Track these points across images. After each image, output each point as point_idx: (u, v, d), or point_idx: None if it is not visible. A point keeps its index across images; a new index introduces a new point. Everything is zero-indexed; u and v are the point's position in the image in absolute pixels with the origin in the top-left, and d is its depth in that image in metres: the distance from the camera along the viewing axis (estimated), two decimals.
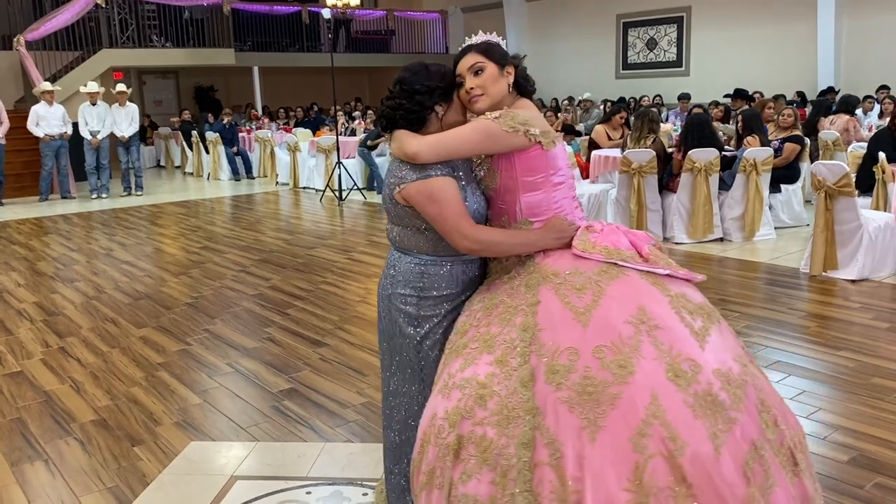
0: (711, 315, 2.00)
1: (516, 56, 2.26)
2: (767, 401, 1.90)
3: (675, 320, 1.90)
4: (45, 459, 3.20)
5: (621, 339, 1.86)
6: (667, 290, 1.98)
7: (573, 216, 2.17)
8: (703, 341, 1.88)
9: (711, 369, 1.83)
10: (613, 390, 1.79)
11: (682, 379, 1.80)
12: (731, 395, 1.81)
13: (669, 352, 1.84)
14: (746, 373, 1.91)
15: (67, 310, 5.47)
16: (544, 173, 2.12)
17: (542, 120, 2.14)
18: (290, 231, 8.46)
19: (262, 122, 15.65)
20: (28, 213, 10.29)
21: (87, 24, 13.98)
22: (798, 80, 13.66)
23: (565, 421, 1.79)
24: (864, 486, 2.81)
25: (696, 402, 1.77)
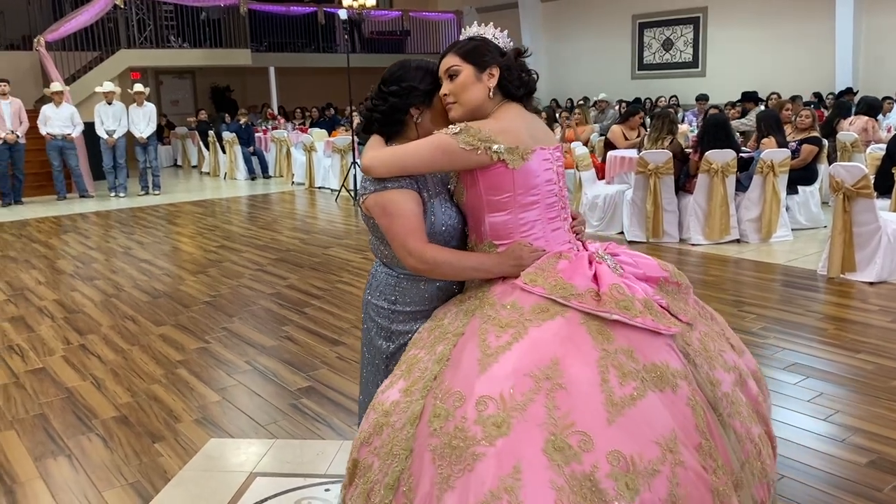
0: (659, 381, 1.72)
1: (520, 52, 2.05)
2: (688, 500, 1.61)
3: (591, 384, 1.65)
4: (67, 455, 3.25)
5: (512, 394, 1.63)
6: (606, 342, 1.73)
7: (547, 241, 1.96)
8: (616, 414, 1.62)
9: (607, 449, 1.57)
10: (477, 450, 1.57)
11: (562, 455, 1.55)
12: (621, 484, 1.54)
13: (562, 420, 1.60)
14: (666, 461, 1.61)
15: (87, 307, 5.53)
16: (510, 193, 1.92)
17: (514, 133, 1.92)
18: (306, 230, 8.51)
19: (278, 122, 15.73)
20: (47, 212, 10.41)
21: (106, 24, 14.11)
22: (815, 80, 13.57)
23: (427, 471, 1.63)
24: (882, 488, 2.80)
25: (566, 485, 1.53)
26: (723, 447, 1.77)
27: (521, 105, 2.03)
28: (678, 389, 1.72)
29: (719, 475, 1.67)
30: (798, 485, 2.83)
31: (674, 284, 1.97)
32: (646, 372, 1.71)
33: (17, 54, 13.85)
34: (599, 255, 1.95)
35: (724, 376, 1.91)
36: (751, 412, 1.96)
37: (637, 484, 1.55)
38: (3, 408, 3.76)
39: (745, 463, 1.85)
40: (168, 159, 16.85)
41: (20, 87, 12.98)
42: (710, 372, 1.88)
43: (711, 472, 1.66)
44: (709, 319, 2.09)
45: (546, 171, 1.96)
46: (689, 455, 1.64)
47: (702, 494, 1.62)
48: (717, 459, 1.70)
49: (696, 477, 1.62)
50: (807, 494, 2.76)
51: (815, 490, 2.79)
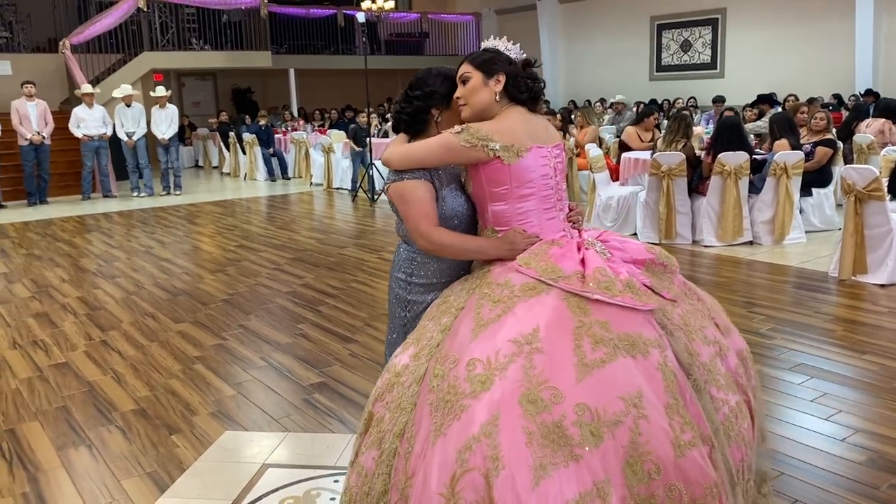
0: (631, 347, 1.91)
1: (528, 62, 2.29)
2: (649, 447, 1.78)
3: (565, 348, 1.86)
4: (88, 445, 3.37)
5: (497, 356, 1.86)
6: (583, 315, 1.93)
7: (542, 228, 2.20)
8: (585, 373, 1.82)
9: (575, 402, 1.77)
10: (464, 402, 1.81)
11: (534, 406, 1.76)
12: (585, 431, 1.74)
13: (537, 378, 1.81)
14: (629, 414, 1.79)
15: (109, 304, 5.68)
16: (508, 185, 2.17)
17: (511, 133, 2.16)
18: (323, 231, 8.63)
19: (297, 124, 15.90)
20: (71, 212, 10.62)
21: (129, 27, 14.34)
22: (835, 82, 13.49)
23: (425, 421, 1.88)
24: (880, 486, 2.84)
25: (537, 431, 1.73)
26: (694, 408, 1.94)
27: (526, 108, 2.28)
28: (649, 356, 1.92)
29: (685, 430, 1.84)
30: (797, 482, 2.88)
31: (660, 265, 2.17)
32: (618, 340, 1.91)
33: (44, 57, 14.12)
34: (589, 242, 2.17)
35: (702, 348, 2.09)
36: (729, 382, 2.12)
37: (601, 431, 1.76)
38: (27, 400, 3.90)
39: (721, 425, 2.01)
40: (189, 160, 17.08)
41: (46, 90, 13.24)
42: (688, 343, 2.07)
43: (678, 428, 1.83)
44: (695, 300, 2.26)
45: (542, 167, 2.21)
46: (653, 410, 1.82)
47: (663, 444, 1.79)
48: (684, 416, 1.86)
49: (658, 429, 1.80)
50: (806, 491, 2.81)
51: (814, 487, 2.84)
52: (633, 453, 1.77)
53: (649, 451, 1.77)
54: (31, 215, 10.37)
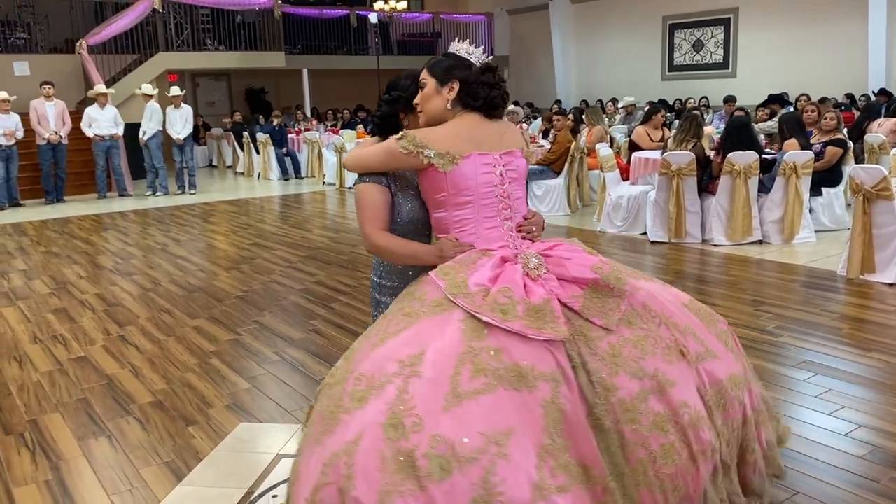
0: (516, 380, 1.84)
1: (488, 68, 2.25)
2: (503, 488, 1.71)
3: (442, 375, 1.83)
4: (108, 435, 3.48)
5: (379, 375, 1.86)
6: (476, 340, 1.90)
7: (479, 237, 2.17)
8: (454, 404, 1.78)
9: (432, 433, 1.74)
10: (341, 416, 1.84)
11: (395, 431, 1.76)
12: (434, 464, 1.71)
13: (406, 402, 1.80)
14: (487, 452, 1.73)
15: (126, 301, 5.80)
16: (445, 192, 2.17)
17: (449, 140, 2.15)
18: (335, 229, 8.73)
19: (310, 124, 16.02)
20: (88, 210, 10.78)
21: (145, 28, 14.52)
22: (848, 81, 13.46)
23: (313, 428, 1.93)
24: (881, 479, 2.89)
25: (391, 457, 1.73)
26: (587, 448, 1.85)
27: (481, 115, 2.25)
28: (535, 391, 1.84)
29: (557, 474, 1.76)
30: (798, 474, 2.93)
31: (605, 288, 2.06)
32: (505, 370, 1.85)
33: (61, 57, 14.31)
34: (524, 256, 2.11)
35: (626, 383, 1.96)
36: (660, 422, 1.96)
37: (451, 466, 1.71)
38: (48, 392, 4.01)
39: (630, 468, 1.90)
40: (204, 159, 17.24)
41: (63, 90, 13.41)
42: (606, 377, 1.95)
43: (547, 472, 1.75)
44: (653, 325, 2.11)
45: (484, 175, 2.18)
46: (517, 450, 1.75)
47: (520, 487, 1.71)
48: (559, 459, 1.78)
49: (518, 471, 1.72)
50: (807, 484, 2.87)
51: (815, 480, 2.89)
52: (483, 492, 1.69)
53: (501, 493, 1.69)
54: (49, 213, 10.54)
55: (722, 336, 2.25)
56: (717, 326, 2.27)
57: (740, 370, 2.22)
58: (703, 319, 2.25)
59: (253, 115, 16.59)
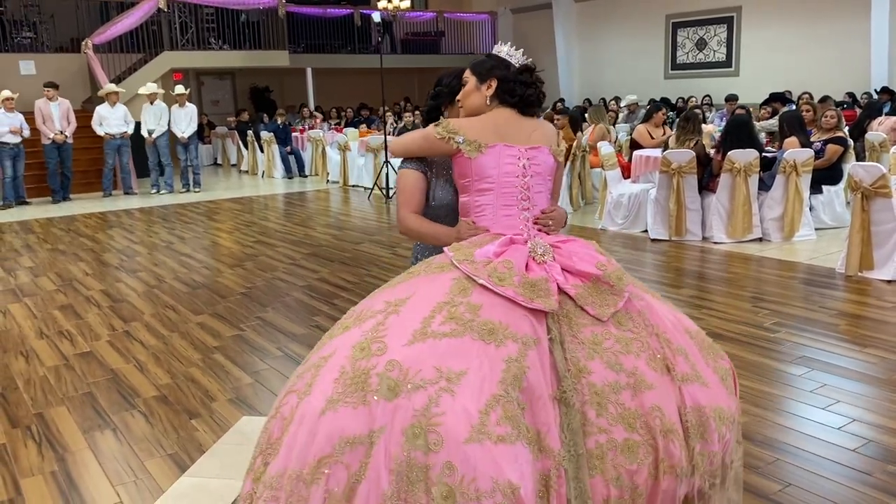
0: (487, 334, 1.90)
1: (526, 68, 2.41)
2: (441, 419, 1.75)
3: (418, 315, 1.94)
4: (113, 428, 3.54)
5: (367, 311, 2.04)
6: (458, 294, 1.98)
7: (495, 224, 2.27)
8: (418, 340, 1.88)
9: (389, 358, 1.84)
10: (325, 341, 2.06)
11: (361, 353, 1.88)
12: (384, 384, 1.80)
13: (379, 332, 1.92)
14: (437, 384, 1.80)
15: (131, 297, 5.86)
16: (470, 178, 2.31)
17: (479, 129, 2.29)
18: (338, 227, 8.79)
19: (314, 122, 16.09)
20: (94, 208, 10.86)
21: (150, 27, 14.58)
22: (850, 80, 13.46)
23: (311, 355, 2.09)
24: (873, 472, 2.94)
25: (350, 372, 1.85)
26: (545, 415, 1.86)
27: (516, 111, 2.38)
28: (502, 346, 1.89)
29: (503, 424, 1.78)
30: (791, 466, 2.98)
31: (605, 284, 2.10)
32: (477, 324, 1.92)
33: (66, 56, 14.40)
34: (533, 244, 2.16)
35: (600, 370, 1.96)
36: (628, 417, 1.93)
37: (398, 389, 1.80)
38: (54, 386, 4.07)
39: (586, 451, 1.88)
40: (208, 158, 17.31)
41: (69, 89, 13.50)
42: (581, 359, 1.97)
43: (493, 419, 1.77)
44: (646, 333, 2.09)
45: (508, 165, 2.30)
46: (467, 390, 1.80)
47: (458, 423, 1.75)
48: (509, 413, 1.80)
49: (462, 410, 1.77)
50: (799, 476, 2.92)
51: (807, 472, 2.94)
52: (422, 419, 1.76)
53: (439, 423, 1.75)
54: (55, 212, 10.62)
55: (720, 371, 2.16)
56: (717, 361, 2.18)
57: (730, 408, 2.10)
58: (703, 350, 2.18)
59: (257, 113, 16.66)
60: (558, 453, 1.83)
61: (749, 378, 3.85)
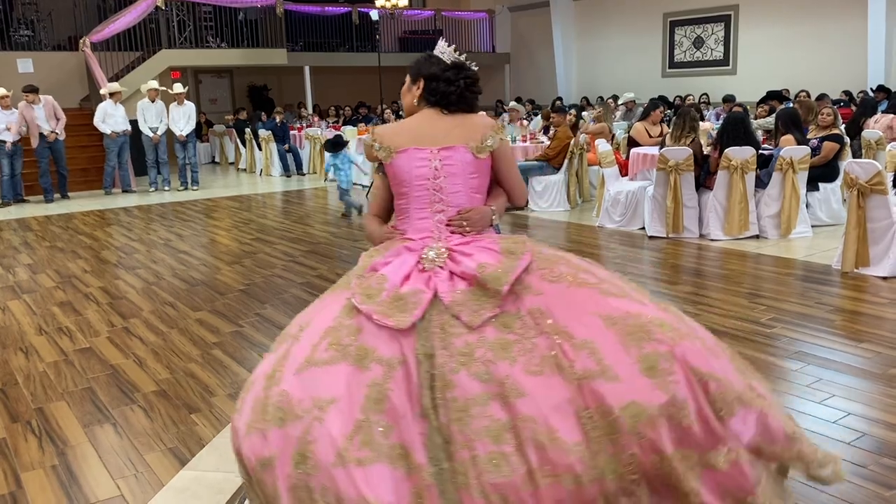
0: (358, 359, 1.99)
1: (454, 65, 2.43)
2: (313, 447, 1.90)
3: (309, 343, 2.09)
4: (112, 423, 3.56)
5: (286, 334, 2.22)
6: (346, 318, 2.10)
7: (411, 226, 2.33)
8: (303, 369, 2.03)
9: (281, 388, 2.02)
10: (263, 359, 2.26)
11: (269, 381, 2.07)
12: (276, 414, 1.98)
13: (281, 360, 2.10)
14: (310, 414, 1.94)
15: (130, 294, 5.88)
16: (394, 182, 2.39)
17: (394, 134, 2.37)
18: (336, 224, 8.81)
19: (312, 121, 16.09)
20: (92, 206, 10.87)
21: (148, 25, 14.59)
22: (848, 78, 13.50)
23: None
24: (867, 465, 2.96)
25: (260, 399, 2.04)
26: (409, 434, 1.91)
27: (438, 110, 2.42)
28: (367, 371, 1.98)
29: (363, 449, 1.88)
30: None
31: (490, 290, 2.07)
32: (354, 348, 2.03)
33: (64, 55, 14.41)
34: (428, 248, 2.23)
35: (465, 383, 1.94)
36: (494, 430, 1.89)
37: (286, 418, 1.97)
38: (54, 381, 4.09)
39: (449, 466, 1.88)
40: (206, 156, 17.31)
41: (66, 87, 13.54)
42: (447, 373, 1.96)
43: (356, 445, 1.88)
44: (534, 332, 2.02)
45: (419, 168, 2.33)
46: (334, 419, 1.92)
47: (326, 449, 1.89)
48: (367, 437, 1.89)
49: (327, 436, 1.90)
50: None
51: None
52: (301, 447, 1.91)
53: (313, 451, 1.89)
54: (53, 209, 10.63)
55: (646, 359, 1.95)
56: (644, 347, 1.97)
57: (651, 402, 1.90)
58: (627, 336, 1.99)
59: (255, 111, 16.66)
60: (425, 469, 1.88)
61: None
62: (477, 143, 2.35)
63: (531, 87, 19.33)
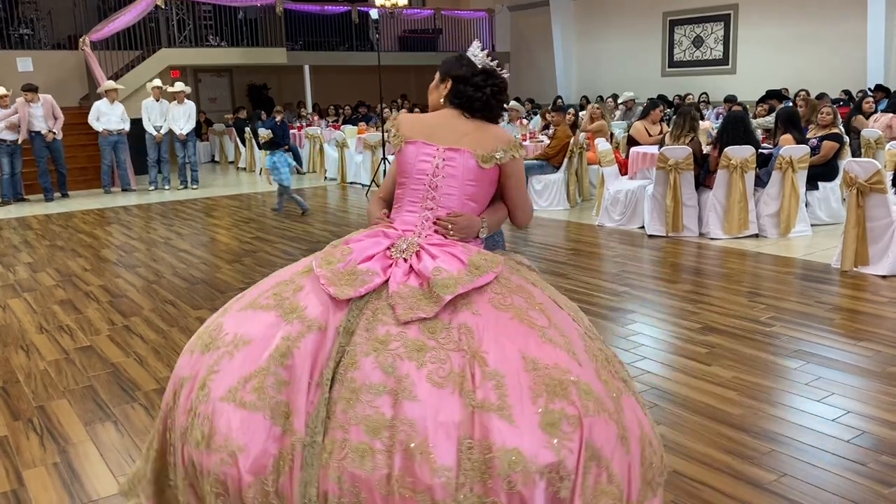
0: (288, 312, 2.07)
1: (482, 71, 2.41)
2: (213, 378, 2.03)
3: (258, 290, 2.25)
4: (113, 421, 3.56)
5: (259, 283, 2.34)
6: (298, 277, 2.20)
7: (399, 217, 2.35)
8: (244, 307, 2.19)
9: (218, 320, 2.20)
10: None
11: (221, 312, 2.28)
12: (205, 339, 2.16)
13: (238, 300, 2.28)
14: (225, 347, 2.07)
15: (130, 292, 5.89)
16: (399, 171, 2.43)
17: (409, 126, 2.40)
18: (336, 223, 8.81)
19: (312, 120, 16.09)
20: (92, 205, 10.87)
21: (148, 24, 14.58)
22: (847, 78, 13.51)
23: None
24: (866, 463, 2.97)
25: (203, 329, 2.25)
26: (296, 399, 1.94)
27: (461, 112, 2.42)
28: (288, 324, 2.06)
29: (249, 391, 1.97)
30: (786, 457, 3.02)
31: (434, 294, 2.06)
32: (288, 303, 2.12)
33: (64, 53, 14.40)
34: (402, 240, 2.23)
35: (368, 368, 1.94)
36: (374, 423, 1.87)
37: (210, 346, 2.14)
38: (55, 380, 4.10)
39: (321, 443, 1.89)
40: (206, 155, 17.31)
41: (66, 86, 13.53)
42: (357, 353, 1.97)
43: (248, 389, 1.98)
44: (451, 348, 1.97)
45: (422, 163, 2.35)
46: (241, 357, 2.05)
47: (222, 383, 2.02)
48: (259, 382, 1.98)
49: (227, 370, 2.03)
50: (794, 466, 2.95)
51: (802, 462, 2.98)
52: (206, 374, 2.07)
53: (213, 381, 2.03)
54: (53, 208, 10.63)
55: (551, 414, 1.86)
56: (553, 403, 1.88)
57: (536, 458, 1.80)
58: (543, 386, 1.91)
59: (255, 110, 16.66)
60: (299, 436, 1.90)
61: (745, 371, 3.89)
62: (484, 153, 2.32)
63: (531, 86, 19.34)
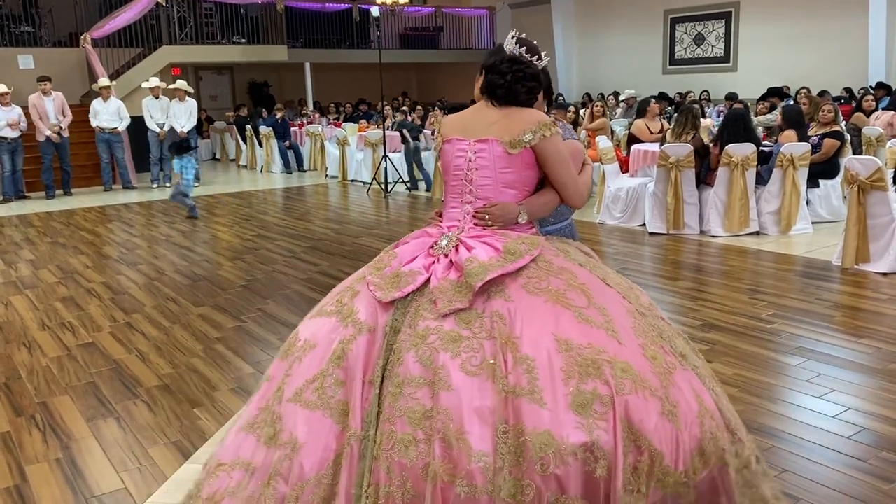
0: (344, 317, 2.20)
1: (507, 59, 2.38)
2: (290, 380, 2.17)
3: (331, 295, 2.38)
4: (116, 417, 3.57)
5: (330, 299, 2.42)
6: (359, 282, 2.30)
7: (447, 213, 2.40)
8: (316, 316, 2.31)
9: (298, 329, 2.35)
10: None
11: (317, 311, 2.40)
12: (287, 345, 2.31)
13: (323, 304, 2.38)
14: (297, 352, 2.23)
15: (132, 289, 5.89)
16: (443, 171, 2.50)
17: (448, 124, 2.46)
18: (338, 221, 8.82)
19: (312, 117, 16.09)
20: (93, 202, 10.88)
21: (149, 21, 14.58)
22: (849, 75, 13.49)
23: None
24: (867, 459, 2.98)
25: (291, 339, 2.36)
26: (352, 396, 2.07)
27: (489, 101, 2.41)
28: (344, 328, 2.18)
29: (311, 392, 2.12)
30: (787, 454, 3.03)
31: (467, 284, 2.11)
32: (347, 308, 2.24)
33: (65, 51, 14.39)
34: (446, 236, 2.31)
35: (409, 363, 2.02)
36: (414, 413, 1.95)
37: (288, 352, 2.29)
38: (57, 376, 4.11)
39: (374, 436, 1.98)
40: (207, 153, 17.31)
41: (67, 83, 13.50)
42: (402, 350, 2.06)
43: (311, 389, 2.12)
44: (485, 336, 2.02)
45: (457, 158, 2.39)
46: (308, 363, 2.18)
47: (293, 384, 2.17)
48: (320, 383, 2.12)
49: (298, 374, 2.18)
50: (795, 463, 2.96)
51: (803, 458, 2.99)
52: (282, 379, 2.23)
53: (286, 384, 2.18)
54: (55, 206, 10.63)
55: (582, 395, 1.88)
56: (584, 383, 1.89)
57: (568, 440, 1.82)
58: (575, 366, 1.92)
59: (256, 108, 16.67)
60: (355, 431, 2.01)
61: (746, 368, 3.90)
62: (511, 138, 2.30)
63: None
